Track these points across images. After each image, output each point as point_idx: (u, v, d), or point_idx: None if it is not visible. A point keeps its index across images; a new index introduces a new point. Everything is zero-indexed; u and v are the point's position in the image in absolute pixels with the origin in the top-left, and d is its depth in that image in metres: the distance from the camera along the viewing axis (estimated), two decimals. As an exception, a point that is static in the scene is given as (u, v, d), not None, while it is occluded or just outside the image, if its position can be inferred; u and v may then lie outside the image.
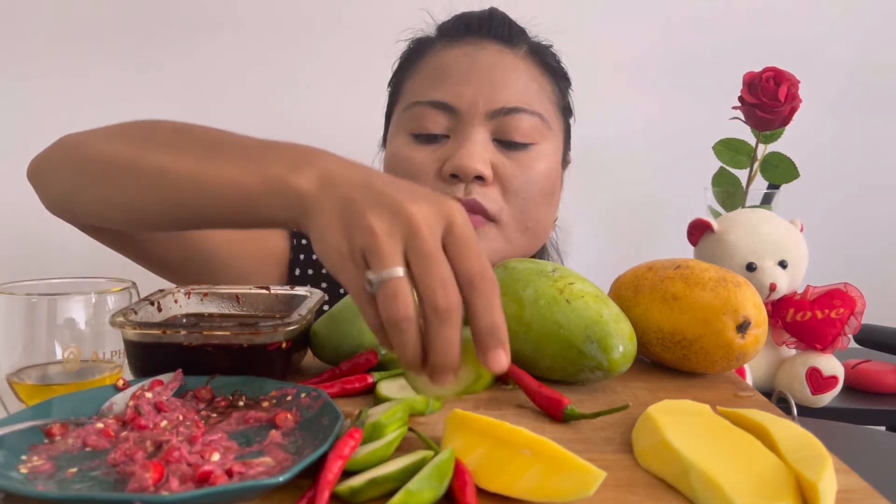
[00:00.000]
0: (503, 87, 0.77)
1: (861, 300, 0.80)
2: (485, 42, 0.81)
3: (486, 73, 0.77)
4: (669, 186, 1.36)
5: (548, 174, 0.79)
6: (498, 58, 0.79)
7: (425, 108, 0.78)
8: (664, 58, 1.39)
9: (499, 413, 0.46)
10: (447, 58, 0.80)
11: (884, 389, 0.99)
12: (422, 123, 0.78)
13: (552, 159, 0.80)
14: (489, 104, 0.76)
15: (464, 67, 0.78)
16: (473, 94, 0.76)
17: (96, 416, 0.41)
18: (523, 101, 0.77)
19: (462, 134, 0.77)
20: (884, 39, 1.40)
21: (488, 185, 0.76)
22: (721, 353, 0.53)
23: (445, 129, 0.78)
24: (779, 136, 0.94)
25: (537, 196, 0.78)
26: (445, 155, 0.77)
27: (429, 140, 0.78)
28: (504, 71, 0.78)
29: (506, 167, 0.76)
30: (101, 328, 0.50)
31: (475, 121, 0.76)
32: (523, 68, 0.80)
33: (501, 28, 0.81)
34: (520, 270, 0.54)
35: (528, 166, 0.77)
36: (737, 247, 0.79)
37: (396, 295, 0.39)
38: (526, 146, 0.77)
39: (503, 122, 0.76)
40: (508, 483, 0.34)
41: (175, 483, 0.32)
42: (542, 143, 0.79)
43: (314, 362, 0.57)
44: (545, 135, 0.79)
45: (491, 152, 0.77)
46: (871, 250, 1.43)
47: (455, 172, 0.75)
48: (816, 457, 0.35)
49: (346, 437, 0.36)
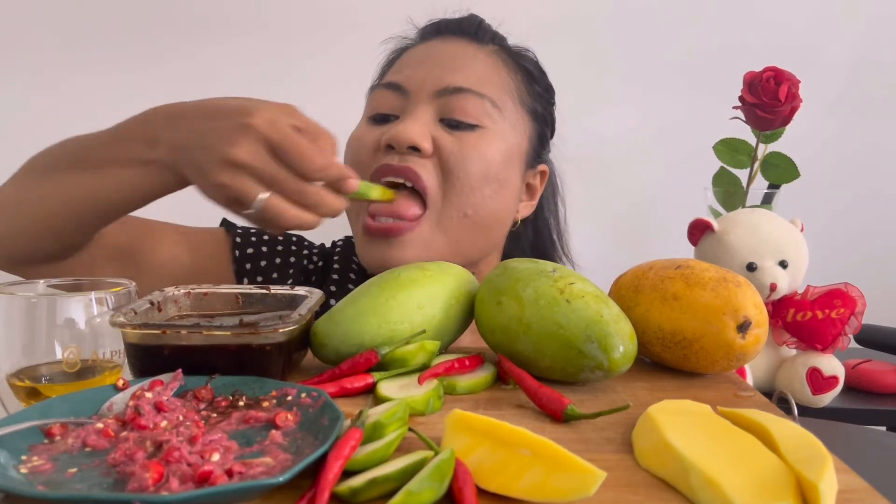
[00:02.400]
0: (454, 69, 0.78)
1: (861, 300, 0.80)
2: (451, 38, 0.83)
3: (439, 58, 0.79)
4: (669, 186, 1.36)
5: (493, 160, 0.76)
6: (458, 47, 0.81)
7: (380, 90, 0.80)
8: (664, 58, 1.39)
9: (499, 413, 0.46)
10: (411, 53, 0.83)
11: (884, 389, 1.00)
12: (376, 105, 0.80)
13: (502, 147, 0.78)
14: (436, 84, 0.77)
15: (423, 56, 0.81)
16: (423, 76, 0.77)
17: (96, 416, 0.41)
18: (473, 83, 0.77)
19: (407, 111, 0.77)
20: (884, 40, 1.40)
21: (426, 157, 0.75)
22: (721, 353, 0.53)
23: (396, 108, 0.78)
24: (779, 136, 0.94)
25: (478, 178, 0.75)
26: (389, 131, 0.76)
27: (381, 120, 0.79)
28: (460, 58, 0.79)
29: (446, 142, 0.75)
30: (101, 328, 0.50)
31: (421, 98, 0.77)
32: (484, 59, 0.81)
33: (470, 27, 0.83)
34: (520, 270, 0.54)
35: (470, 145, 0.75)
36: (737, 247, 0.79)
37: (271, 215, 0.55)
38: (472, 127, 0.76)
39: (448, 100, 0.76)
40: (508, 483, 0.34)
41: (175, 483, 0.32)
42: (491, 128, 0.77)
43: (314, 362, 0.57)
44: (495, 120, 0.77)
45: (433, 129, 0.76)
46: (871, 250, 1.43)
47: (389, 142, 0.75)
48: (817, 457, 0.35)
49: (346, 437, 0.36)
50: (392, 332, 0.53)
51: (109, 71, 1.32)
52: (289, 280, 0.89)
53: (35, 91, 1.32)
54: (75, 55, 1.32)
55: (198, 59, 1.34)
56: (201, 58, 1.34)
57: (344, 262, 0.91)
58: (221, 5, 1.34)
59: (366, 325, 0.53)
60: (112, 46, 1.32)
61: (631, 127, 1.39)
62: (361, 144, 0.78)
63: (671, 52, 1.39)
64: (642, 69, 1.39)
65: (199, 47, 1.34)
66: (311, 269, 0.91)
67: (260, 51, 1.35)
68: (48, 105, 1.32)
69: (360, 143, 0.78)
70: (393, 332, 0.53)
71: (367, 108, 0.82)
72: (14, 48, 1.31)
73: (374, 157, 0.77)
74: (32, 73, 1.32)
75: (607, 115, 1.33)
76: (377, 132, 0.77)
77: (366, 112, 0.82)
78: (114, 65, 1.32)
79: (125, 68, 1.33)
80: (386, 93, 0.79)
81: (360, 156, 0.78)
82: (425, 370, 0.50)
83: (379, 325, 0.53)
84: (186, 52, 1.34)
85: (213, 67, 1.34)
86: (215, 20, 1.34)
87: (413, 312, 0.54)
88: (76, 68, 1.32)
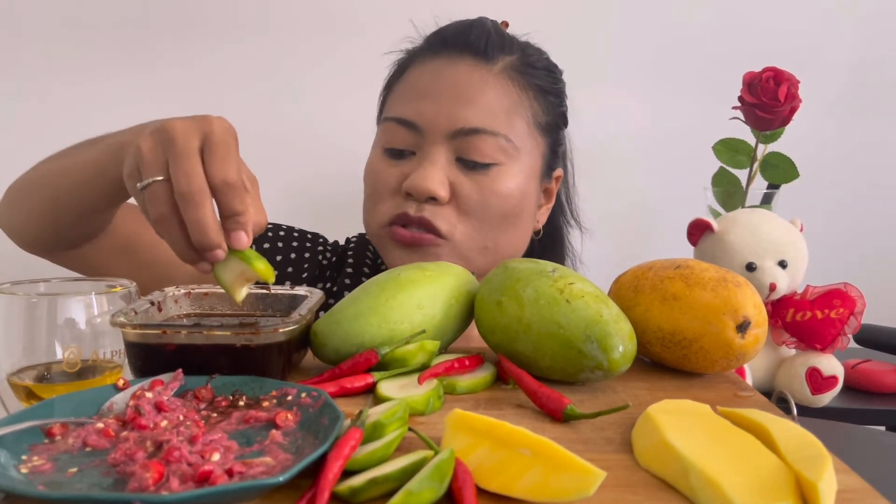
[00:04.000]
0: (467, 105, 0.77)
1: (861, 300, 0.80)
2: (459, 57, 0.80)
3: (451, 92, 0.78)
4: (669, 186, 1.36)
5: (510, 195, 0.78)
6: (468, 75, 0.79)
7: (392, 123, 0.80)
8: (665, 57, 1.39)
9: (499, 413, 0.46)
10: (420, 73, 0.81)
11: (884, 389, 1.00)
12: (390, 138, 0.80)
13: (518, 179, 0.79)
14: (450, 124, 0.76)
15: (431, 84, 0.79)
16: (435, 114, 0.77)
17: (96, 416, 0.41)
18: (486, 121, 0.77)
19: (423, 152, 0.78)
20: (884, 39, 1.40)
21: (443, 204, 0.77)
22: (721, 352, 0.53)
23: (411, 145, 0.79)
24: (779, 136, 0.94)
25: (495, 217, 0.78)
26: (407, 171, 0.78)
27: (396, 155, 0.80)
28: (471, 88, 0.78)
29: (464, 187, 0.77)
30: (101, 328, 0.50)
31: (436, 140, 0.77)
32: (494, 85, 0.79)
33: (478, 41, 0.80)
34: (520, 270, 0.54)
35: (486, 187, 0.77)
36: (737, 247, 0.79)
37: (154, 196, 0.49)
38: (487, 166, 0.77)
39: (464, 141, 0.77)
40: (508, 483, 0.34)
41: (175, 483, 0.32)
42: (506, 164, 0.78)
43: (314, 362, 0.57)
44: (510, 155, 0.78)
45: (450, 171, 0.77)
46: (870, 250, 1.43)
47: (410, 191, 0.76)
48: (816, 457, 0.35)
49: (346, 437, 0.36)
50: (392, 332, 0.53)
51: (111, 73, 1.32)
52: (304, 274, 0.90)
53: (34, 93, 1.32)
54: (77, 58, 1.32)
55: (197, 63, 1.34)
56: (201, 62, 1.34)
57: (358, 257, 0.93)
58: (221, 9, 1.34)
59: (366, 325, 0.53)
60: (113, 48, 1.32)
61: (631, 127, 1.39)
62: (381, 182, 0.80)
63: (671, 52, 1.39)
64: (643, 69, 1.39)
65: (200, 52, 1.34)
66: (325, 264, 0.93)
67: (260, 54, 1.35)
68: (48, 106, 1.32)
69: (380, 180, 0.80)
70: (393, 332, 0.53)
71: (382, 136, 0.82)
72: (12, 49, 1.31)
73: (393, 199, 0.79)
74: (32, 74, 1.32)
75: (607, 115, 1.33)
76: (395, 172, 0.79)
77: (380, 140, 0.82)
78: (115, 67, 1.32)
79: (126, 71, 1.33)
80: (399, 128, 0.79)
81: (379, 191, 0.80)
82: (425, 370, 0.50)
83: (379, 325, 0.53)
84: (184, 56, 1.34)
85: (213, 71, 1.34)
86: (215, 24, 1.34)
87: (413, 312, 0.54)
88: (78, 71, 1.32)
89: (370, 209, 0.82)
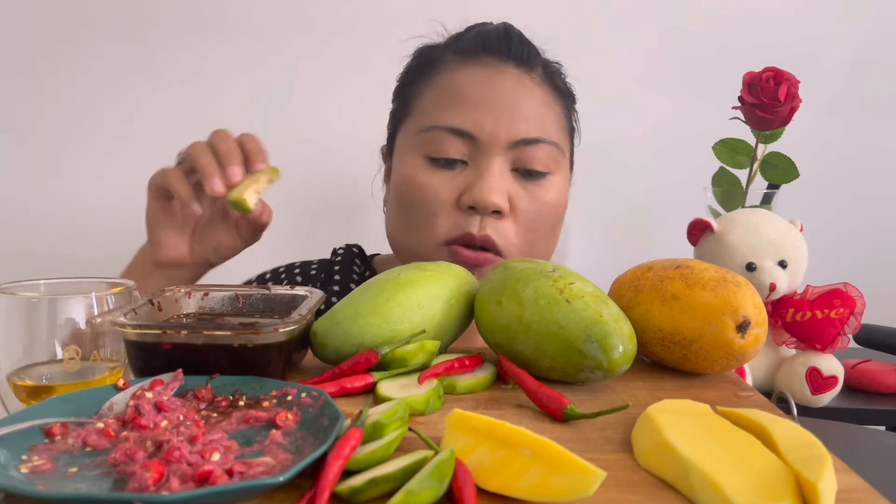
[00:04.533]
0: (522, 116, 0.76)
1: (861, 300, 0.79)
2: (503, 65, 0.79)
3: (505, 101, 0.76)
4: (669, 186, 1.36)
5: (557, 205, 0.80)
6: (517, 84, 0.78)
7: (443, 132, 0.76)
8: (664, 58, 1.39)
9: (499, 413, 0.46)
10: (464, 79, 0.78)
11: (884, 389, 1.00)
12: (439, 147, 0.77)
13: (564, 187, 0.81)
14: (509, 134, 0.75)
15: (483, 93, 0.77)
16: (494, 124, 0.75)
17: (96, 416, 0.41)
18: (541, 130, 0.77)
19: (481, 164, 0.76)
20: (884, 40, 1.40)
21: (503, 218, 0.76)
22: (721, 352, 0.53)
23: (464, 154, 0.77)
24: (779, 136, 0.94)
25: (545, 228, 0.79)
26: (463, 184, 0.76)
27: (446, 165, 0.77)
28: (522, 98, 0.77)
29: (521, 198, 0.77)
30: (102, 328, 0.50)
31: (495, 150, 0.76)
32: (539, 94, 0.79)
33: (520, 49, 0.80)
34: (520, 270, 0.54)
35: (540, 198, 0.78)
36: (737, 247, 0.79)
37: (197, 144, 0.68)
38: (542, 175, 0.78)
39: (523, 152, 0.76)
40: (508, 483, 0.34)
41: (175, 483, 0.32)
42: (556, 173, 0.79)
43: (314, 362, 0.57)
44: (560, 163, 0.80)
45: (509, 183, 0.77)
46: (871, 250, 1.43)
47: (473, 205, 0.74)
48: (816, 457, 0.35)
49: (346, 437, 0.36)
50: (392, 332, 0.53)
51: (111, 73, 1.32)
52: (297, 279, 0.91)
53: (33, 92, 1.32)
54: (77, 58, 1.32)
55: (196, 63, 1.34)
56: (201, 62, 1.34)
57: (344, 271, 0.92)
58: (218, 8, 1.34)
59: (366, 325, 0.53)
60: (113, 49, 1.32)
61: (630, 127, 1.39)
62: (431, 195, 0.76)
63: (671, 52, 1.39)
64: (642, 70, 1.39)
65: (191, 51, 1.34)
66: (313, 275, 0.94)
67: (257, 52, 1.35)
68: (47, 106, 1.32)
69: (430, 193, 0.77)
70: (393, 332, 0.53)
71: (425, 146, 0.78)
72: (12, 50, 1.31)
73: (451, 213, 0.76)
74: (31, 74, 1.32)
75: (607, 115, 1.33)
76: (448, 182, 0.77)
77: (422, 148, 0.78)
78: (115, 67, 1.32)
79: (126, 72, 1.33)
80: (451, 137, 0.76)
81: (432, 206, 0.77)
82: (425, 370, 0.50)
83: (379, 325, 0.53)
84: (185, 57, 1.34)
85: (210, 70, 1.34)
86: (214, 23, 1.34)
87: (413, 312, 0.54)
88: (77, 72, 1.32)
89: (419, 224, 0.78)
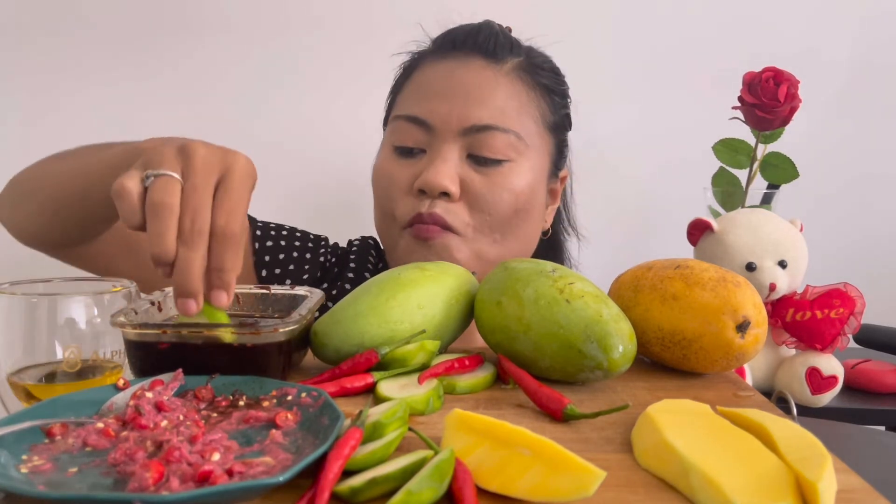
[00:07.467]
0: (479, 103, 0.78)
1: (860, 300, 0.80)
2: (469, 58, 0.81)
3: (462, 90, 0.79)
4: (669, 186, 1.36)
5: (520, 192, 0.80)
6: (478, 74, 0.80)
7: (403, 122, 0.81)
8: (664, 58, 1.39)
9: (499, 413, 0.46)
10: (431, 73, 0.82)
11: (884, 389, 1.00)
12: (400, 137, 0.81)
13: (528, 176, 0.80)
14: (462, 121, 0.77)
15: (443, 84, 0.80)
16: (448, 111, 0.78)
17: (96, 416, 0.41)
18: (498, 118, 0.78)
19: (435, 150, 0.79)
20: (884, 40, 1.40)
21: (454, 200, 0.78)
22: (721, 352, 0.53)
23: (422, 143, 0.80)
24: (779, 136, 0.94)
25: (507, 211, 0.79)
26: (418, 170, 0.79)
27: (406, 153, 0.81)
28: (482, 87, 0.79)
29: (474, 182, 0.78)
30: (101, 328, 0.50)
31: (447, 137, 0.78)
32: (505, 84, 0.80)
33: (487, 42, 0.82)
34: (520, 270, 0.54)
35: (497, 183, 0.78)
36: (737, 247, 0.79)
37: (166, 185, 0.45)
38: (499, 162, 0.78)
39: (476, 138, 0.78)
40: (508, 483, 0.34)
41: (175, 483, 0.32)
42: (517, 160, 0.79)
43: (314, 362, 0.57)
44: (521, 152, 0.80)
45: (461, 168, 0.78)
46: (870, 250, 1.43)
47: (422, 188, 0.77)
48: (816, 457, 0.35)
49: (346, 437, 0.36)
50: (392, 332, 0.53)
51: (110, 74, 1.32)
52: (305, 275, 0.90)
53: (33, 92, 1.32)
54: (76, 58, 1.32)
55: (193, 62, 1.34)
56: (198, 60, 1.34)
57: (360, 260, 0.93)
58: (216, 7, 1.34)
59: (366, 325, 0.53)
60: (113, 49, 1.32)
61: (630, 127, 1.39)
62: (392, 183, 0.81)
63: (670, 51, 1.39)
64: (641, 69, 1.39)
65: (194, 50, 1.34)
66: (327, 266, 0.93)
67: (254, 51, 1.35)
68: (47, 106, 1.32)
69: (391, 182, 0.81)
70: (393, 332, 0.53)
71: (391, 136, 0.82)
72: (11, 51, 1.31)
73: (407, 198, 0.79)
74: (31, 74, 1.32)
75: (606, 115, 1.33)
76: (406, 171, 0.80)
77: (389, 139, 0.83)
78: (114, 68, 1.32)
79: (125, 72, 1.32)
80: (410, 126, 0.80)
81: (391, 192, 0.81)
82: (425, 370, 0.50)
83: (379, 325, 0.53)
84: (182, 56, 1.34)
85: (207, 69, 1.34)
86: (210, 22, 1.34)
87: (413, 312, 0.54)
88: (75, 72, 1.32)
89: (384, 211, 0.83)
